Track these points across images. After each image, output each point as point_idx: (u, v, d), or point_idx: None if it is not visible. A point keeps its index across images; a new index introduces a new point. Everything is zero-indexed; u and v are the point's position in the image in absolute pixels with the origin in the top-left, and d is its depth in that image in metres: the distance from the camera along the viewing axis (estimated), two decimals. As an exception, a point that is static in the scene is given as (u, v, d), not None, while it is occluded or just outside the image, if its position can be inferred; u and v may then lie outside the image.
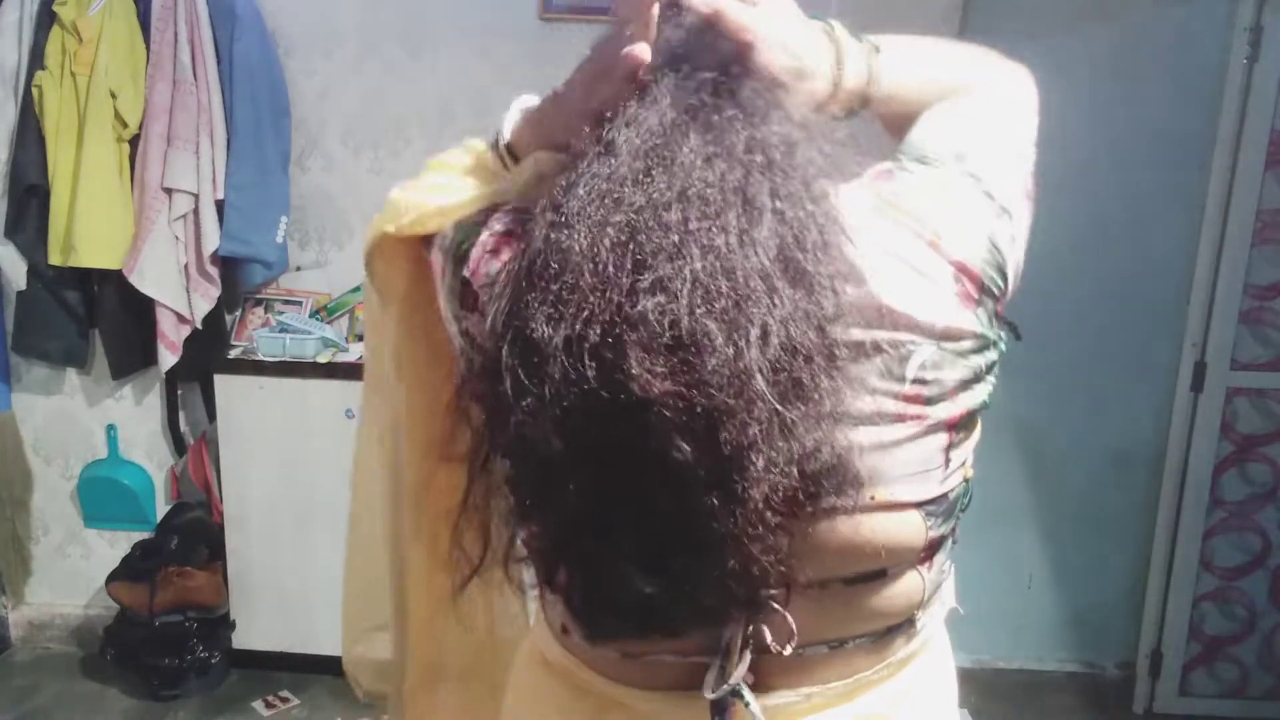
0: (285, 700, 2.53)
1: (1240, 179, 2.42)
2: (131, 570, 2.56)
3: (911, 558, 0.70)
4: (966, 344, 0.68)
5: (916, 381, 0.66)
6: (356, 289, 2.56)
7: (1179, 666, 2.66)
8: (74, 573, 2.79)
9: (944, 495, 0.69)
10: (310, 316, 2.53)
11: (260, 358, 2.43)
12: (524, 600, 0.94)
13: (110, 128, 2.32)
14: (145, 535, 2.67)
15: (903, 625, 0.73)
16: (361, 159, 2.53)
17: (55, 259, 2.36)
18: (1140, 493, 2.68)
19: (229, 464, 2.46)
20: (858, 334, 0.63)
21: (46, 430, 2.70)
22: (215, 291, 2.43)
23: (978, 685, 2.76)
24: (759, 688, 0.71)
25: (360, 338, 2.52)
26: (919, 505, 0.68)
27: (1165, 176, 2.50)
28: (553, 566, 0.68)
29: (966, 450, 0.71)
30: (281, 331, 2.45)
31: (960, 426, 0.69)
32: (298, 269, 2.59)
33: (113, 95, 2.30)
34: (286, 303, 2.56)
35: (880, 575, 0.69)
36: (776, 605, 0.67)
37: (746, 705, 0.68)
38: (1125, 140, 2.48)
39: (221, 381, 2.43)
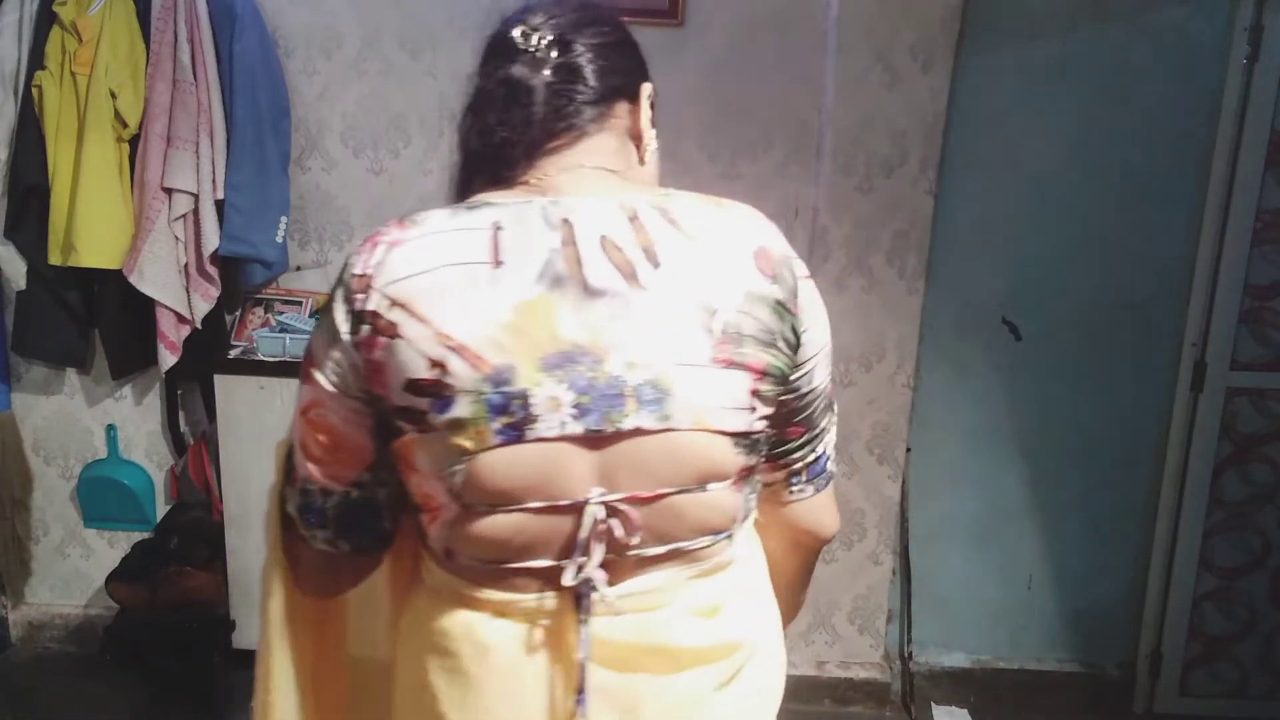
0: (285, 700, 2.52)
1: (1240, 179, 2.42)
2: (131, 570, 2.55)
3: (726, 479, 0.87)
4: (763, 308, 0.86)
5: (724, 333, 0.84)
6: (356, 289, 2.56)
7: (1179, 666, 2.66)
8: (74, 573, 2.79)
9: (750, 433, 0.87)
10: (310, 316, 2.53)
11: (260, 358, 2.43)
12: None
13: (110, 128, 2.32)
14: (145, 535, 2.67)
15: (724, 535, 0.90)
16: (361, 159, 2.53)
17: (55, 259, 2.36)
18: (1140, 493, 2.68)
19: (229, 464, 2.46)
20: (688, 298, 0.84)
21: (46, 430, 2.70)
22: (215, 291, 2.43)
23: (978, 685, 2.76)
24: (611, 583, 0.86)
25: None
26: (730, 435, 0.85)
27: (1165, 177, 2.50)
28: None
29: (769, 407, 0.89)
30: (281, 331, 2.45)
31: (762, 379, 0.86)
32: (298, 269, 2.59)
33: (113, 95, 2.30)
34: (286, 303, 2.56)
35: (702, 489, 0.86)
36: (624, 507, 0.84)
37: (596, 590, 0.84)
38: (1125, 140, 2.48)
39: (221, 381, 2.43)
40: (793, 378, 0.91)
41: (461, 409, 0.81)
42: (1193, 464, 2.57)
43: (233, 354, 2.49)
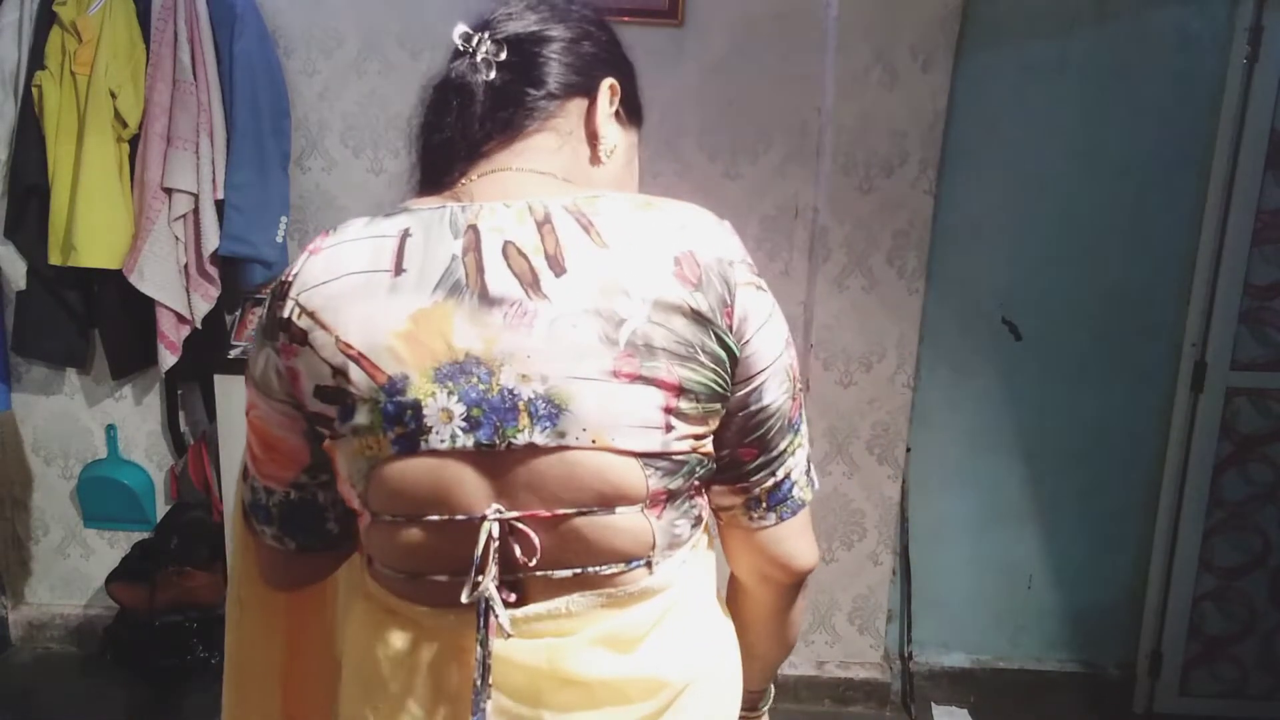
0: (285, 700, 2.53)
1: (1240, 179, 2.42)
2: (131, 570, 2.56)
3: (635, 502, 0.81)
4: (678, 318, 0.79)
5: (629, 345, 0.78)
6: (356, 289, 2.56)
7: (1179, 666, 2.66)
8: (74, 573, 2.79)
9: (666, 454, 0.81)
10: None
11: (260, 358, 2.42)
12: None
13: (110, 127, 2.32)
14: (145, 535, 2.67)
15: (639, 563, 0.84)
16: (361, 159, 2.53)
17: (55, 259, 2.36)
18: (1140, 493, 2.68)
19: (229, 464, 2.46)
20: (592, 307, 0.78)
21: (46, 430, 2.70)
22: (215, 291, 2.43)
23: (978, 685, 2.76)
24: (519, 604, 0.83)
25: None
26: (639, 455, 0.80)
27: (1165, 176, 2.51)
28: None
29: (695, 427, 0.82)
30: (281, 331, 2.45)
31: (680, 395, 0.80)
32: (298, 269, 2.59)
33: (112, 95, 2.30)
34: (286, 303, 2.56)
35: (608, 512, 0.81)
36: (523, 526, 0.80)
37: (492, 609, 0.80)
38: (1125, 140, 2.48)
39: (221, 381, 2.43)
40: (739, 394, 0.84)
41: (362, 417, 0.80)
42: (1193, 464, 2.56)
43: (233, 354, 2.48)
